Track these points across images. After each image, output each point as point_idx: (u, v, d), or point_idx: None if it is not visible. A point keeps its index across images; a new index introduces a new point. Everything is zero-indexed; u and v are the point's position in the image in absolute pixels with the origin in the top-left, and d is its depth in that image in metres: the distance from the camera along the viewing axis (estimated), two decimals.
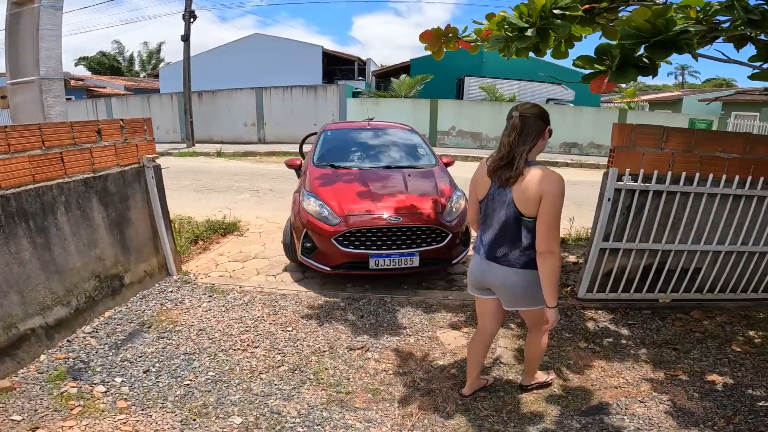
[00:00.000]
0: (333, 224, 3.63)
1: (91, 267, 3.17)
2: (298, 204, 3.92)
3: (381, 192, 3.95)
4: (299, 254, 3.85)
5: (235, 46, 21.16)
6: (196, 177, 9.21)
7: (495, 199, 1.96)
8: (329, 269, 3.72)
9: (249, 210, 6.49)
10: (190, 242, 4.76)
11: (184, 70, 13.70)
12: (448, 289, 3.97)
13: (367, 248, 3.63)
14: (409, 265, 3.67)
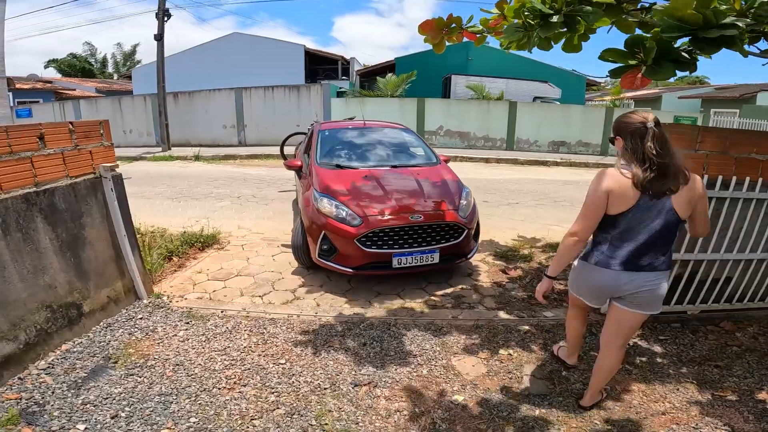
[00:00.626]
0: (355, 225, 3.59)
1: (40, 297, 2.67)
2: (312, 205, 3.84)
3: (396, 191, 3.97)
4: (316, 257, 3.76)
5: (213, 46, 20.40)
6: (172, 183, 8.60)
7: (646, 211, 1.91)
8: (351, 270, 3.66)
9: (230, 219, 5.98)
10: (163, 259, 4.24)
11: (158, 70, 13.00)
12: (457, 308, 3.58)
13: (389, 247, 3.62)
14: (429, 262, 3.69)
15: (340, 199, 3.78)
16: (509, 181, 9.44)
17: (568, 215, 6.55)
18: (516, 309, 3.55)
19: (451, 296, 3.78)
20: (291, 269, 4.24)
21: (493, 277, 4.18)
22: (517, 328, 3.24)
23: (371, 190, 3.96)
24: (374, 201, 3.79)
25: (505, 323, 3.32)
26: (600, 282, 2.09)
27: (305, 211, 3.96)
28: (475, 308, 3.57)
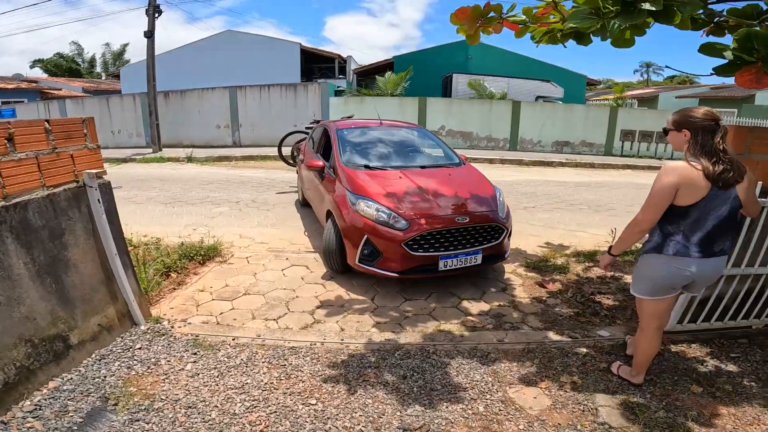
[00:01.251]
0: (401, 229, 3.49)
1: (17, 330, 2.21)
2: (350, 208, 3.71)
3: (436, 192, 3.87)
4: (356, 261, 3.62)
5: (206, 44, 19.77)
6: (164, 186, 8.08)
7: (716, 200, 2.02)
8: (397, 274, 3.53)
9: (230, 227, 5.51)
10: (160, 275, 3.77)
11: (148, 68, 12.42)
12: (500, 329, 3.17)
13: (435, 250, 3.52)
14: (473, 263, 3.66)
15: (380, 201, 3.65)
16: (518, 183, 9.09)
17: (589, 219, 6.24)
18: (566, 328, 3.17)
19: (490, 315, 3.38)
20: (304, 286, 3.80)
21: (531, 292, 3.79)
22: (574, 351, 2.87)
23: (410, 192, 3.83)
24: (417, 203, 3.69)
25: (559, 345, 2.94)
26: (681, 270, 2.14)
27: (340, 214, 3.78)
28: (520, 329, 3.18)
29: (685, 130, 2.06)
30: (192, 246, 4.33)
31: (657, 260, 2.19)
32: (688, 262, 2.11)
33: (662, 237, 2.16)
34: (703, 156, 1.98)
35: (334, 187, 4.12)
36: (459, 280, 3.95)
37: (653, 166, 12.13)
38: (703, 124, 2.01)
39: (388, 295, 3.66)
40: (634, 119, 13.56)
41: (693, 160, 2.01)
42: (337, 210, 3.85)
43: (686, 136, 2.05)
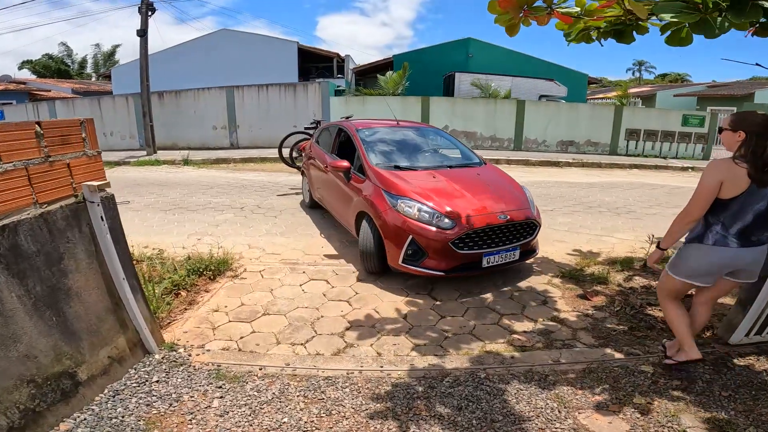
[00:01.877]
0: (448, 227, 3.52)
1: (16, 371, 1.89)
2: (390, 209, 3.70)
3: (473, 191, 3.94)
4: (399, 262, 3.62)
5: (200, 43, 19.27)
6: (162, 192, 7.69)
7: (755, 195, 2.15)
8: (443, 273, 3.57)
9: (236, 236, 5.16)
10: (168, 294, 3.43)
11: (142, 68, 11.97)
12: (551, 347, 2.90)
13: (479, 248, 3.60)
14: (512, 259, 3.76)
15: (421, 201, 3.67)
16: (530, 184, 8.79)
17: (612, 222, 6.00)
18: (623, 344, 2.91)
19: (537, 332, 3.10)
20: (328, 304, 3.48)
21: (574, 305, 3.52)
22: (640, 369, 2.62)
23: (447, 191, 3.88)
24: (458, 202, 3.73)
25: (621, 364, 2.68)
26: (720, 259, 2.29)
27: (379, 215, 3.75)
28: (574, 347, 2.91)
29: (741, 131, 2.15)
30: (200, 260, 3.99)
31: (698, 250, 2.34)
32: (728, 252, 2.25)
33: (704, 228, 2.31)
34: (752, 159, 2.10)
35: (364, 188, 4.11)
36: (497, 297, 3.68)
37: (660, 166, 12.00)
38: (759, 129, 2.11)
39: (420, 312, 3.36)
40: (639, 118, 13.40)
41: (740, 160, 2.13)
42: (374, 211, 3.81)
43: (740, 137, 2.16)
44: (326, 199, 5.34)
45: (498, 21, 2.74)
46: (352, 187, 4.32)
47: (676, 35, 2.43)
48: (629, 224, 5.94)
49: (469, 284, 3.84)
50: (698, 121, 13.57)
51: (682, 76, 51.05)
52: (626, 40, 2.86)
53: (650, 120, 13.39)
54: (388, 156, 4.57)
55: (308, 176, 6.11)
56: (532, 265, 4.33)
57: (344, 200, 4.52)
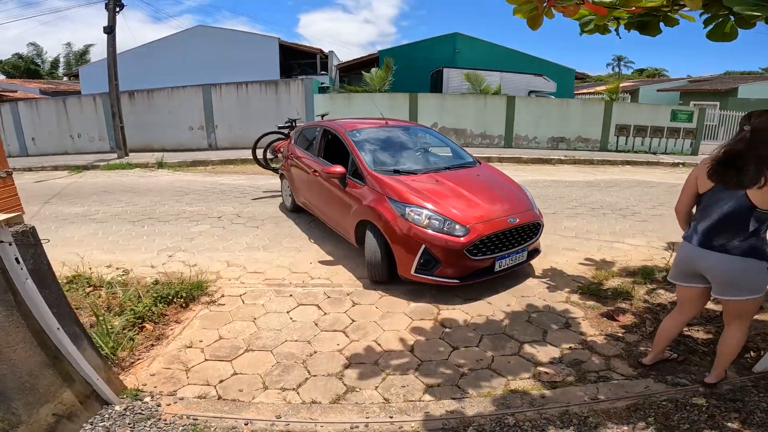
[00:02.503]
0: (460, 235, 3.38)
1: None
2: (398, 217, 3.50)
3: (479, 195, 3.83)
4: (411, 272, 3.45)
5: (176, 40, 18.30)
6: (132, 199, 7.03)
7: (720, 194, 2.11)
8: (458, 281, 3.44)
9: (213, 252, 4.60)
10: (131, 327, 2.88)
11: (109, 66, 11.17)
12: (585, 380, 2.47)
13: (492, 252, 3.50)
14: (521, 261, 3.74)
15: (429, 208, 3.51)
16: (526, 183, 8.36)
17: (620, 226, 5.59)
18: (665, 373, 2.53)
19: (565, 362, 2.67)
20: (321, 335, 2.98)
21: (600, 327, 3.10)
22: (692, 403, 2.25)
23: (453, 196, 3.76)
24: (467, 207, 3.62)
25: (669, 397, 2.31)
26: (682, 255, 2.32)
27: (388, 224, 3.54)
28: (611, 379, 2.51)
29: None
30: (170, 285, 3.43)
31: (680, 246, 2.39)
32: (686, 248, 2.29)
33: (690, 225, 2.35)
34: (717, 153, 2.15)
35: (364, 195, 3.90)
36: (512, 321, 3.23)
37: (651, 162, 11.80)
38: (742, 123, 2.10)
39: (429, 343, 2.89)
40: (629, 114, 13.19)
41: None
42: (380, 220, 3.61)
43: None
44: (316, 205, 5.03)
45: (518, 12, 2.36)
46: (350, 194, 4.09)
47: (719, 29, 2.32)
48: (637, 228, 5.59)
49: (480, 307, 3.38)
50: (687, 117, 13.44)
51: (659, 71, 51.91)
52: (651, 32, 2.64)
53: (640, 115, 13.19)
54: (385, 159, 4.36)
55: (289, 179, 5.75)
56: (546, 279, 3.90)
57: (340, 207, 4.29)
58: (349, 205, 4.09)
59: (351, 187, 4.11)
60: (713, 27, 2.42)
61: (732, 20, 2.37)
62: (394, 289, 3.64)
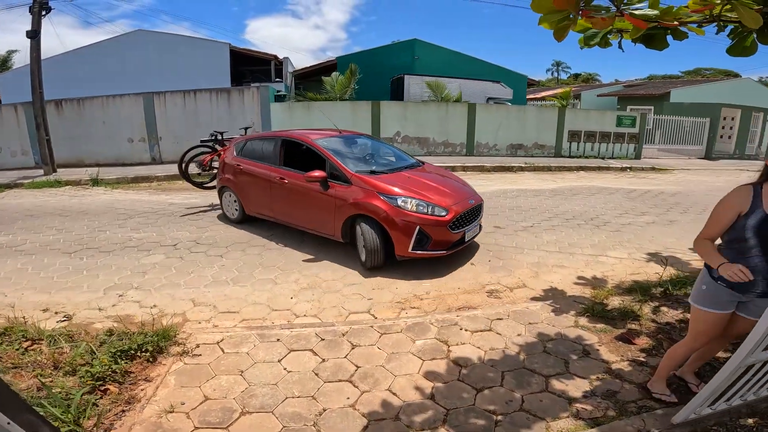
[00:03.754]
0: (443, 215, 4.24)
1: None
2: (392, 206, 4.20)
3: (442, 186, 4.76)
4: (409, 250, 4.18)
5: (112, 46, 16.64)
6: (65, 224, 6.08)
7: None
8: (445, 251, 4.34)
9: (174, 289, 3.97)
10: (90, 391, 2.30)
11: (33, 74, 9.87)
12: (627, 413, 2.22)
13: (462, 227, 4.44)
14: (477, 232, 4.85)
15: (415, 197, 4.30)
16: (494, 194, 8.42)
17: (597, 238, 5.55)
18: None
19: (599, 395, 2.48)
20: (325, 387, 2.54)
21: (619, 352, 2.93)
22: (740, 424, 2.14)
23: (426, 188, 4.55)
24: (440, 195, 4.48)
25: (717, 420, 2.16)
26: (725, 298, 2.10)
27: (384, 213, 4.19)
28: (653, 408, 2.35)
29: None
30: (129, 336, 2.83)
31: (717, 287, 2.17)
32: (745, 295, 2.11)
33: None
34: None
35: (351, 194, 4.43)
36: (529, 353, 2.96)
37: (602, 167, 12.36)
38: None
39: (448, 387, 2.55)
40: (579, 120, 13.77)
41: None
42: (376, 211, 4.23)
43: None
44: (281, 212, 5.28)
45: (544, 21, 2.13)
46: (334, 195, 4.54)
47: (740, 44, 2.31)
48: (614, 239, 5.63)
49: (491, 339, 3.10)
50: (630, 122, 14.27)
51: (592, 76, 55.84)
52: (658, 46, 2.55)
53: (589, 121, 13.82)
54: (359, 163, 5.00)
55: (237, 191, 5.80)
56: (548, 302, 3.71)
57: (320, 208, 4.71)
58: (332, 204, 4.56)
59: (335, 188, 4.55)
60: (734, 42, 2.36)
61: (754, 36, 2.31)
62: (393, 325, 3.26)
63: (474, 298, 3.84)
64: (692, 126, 15.78)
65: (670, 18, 2.09)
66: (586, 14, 2.05)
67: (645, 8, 2.11)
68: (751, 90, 20.23)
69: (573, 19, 2.07)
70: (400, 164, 5.30)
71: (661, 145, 15.83)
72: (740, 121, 16.56)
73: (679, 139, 15.89)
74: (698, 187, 9.84)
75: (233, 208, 5.99)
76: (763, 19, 1.88)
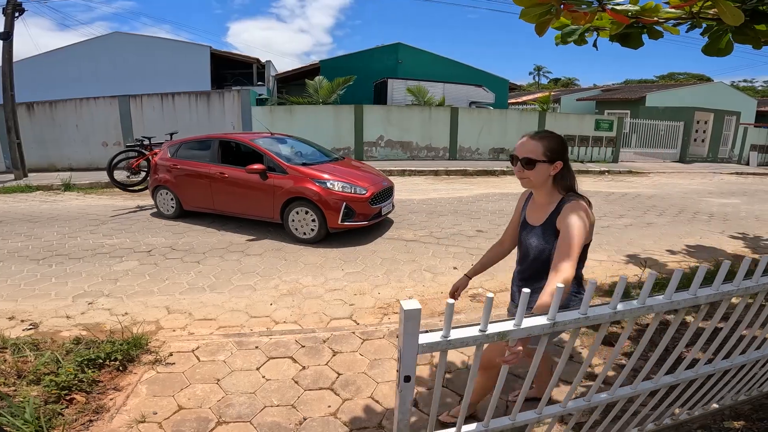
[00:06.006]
0: (364, 193, 5.32)
1: None
2: (324, 189, 5.20)
3: (360, 172, 5.92)
4: (339, 222, 5.16)
5: (88, 48, 16.14)
6: (34, 231, 5.83)
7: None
8: (367, 222, 5.39)
9: (147, 296, 3.82)
10: (56, 401, 2.16)
11: (4, 75, 9.54)
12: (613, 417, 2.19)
13: (378, 203, 5.54)
14: (390, 209, 5.96)
15: (340, 180, 5.33)
16: (477, 198, 8.46)
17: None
18: None
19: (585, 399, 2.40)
20: (306, 395, 2.44)
21: (604, 356, 2.92)
22: (725, 427, 2.04)
23: (348, 174, 5.63)
24: (360, 179, 5.54)
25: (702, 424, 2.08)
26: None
27: (318, 195, 5.15)
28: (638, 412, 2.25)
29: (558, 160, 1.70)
30: (98, 344, 2.69)
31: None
32: None
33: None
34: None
35: (288, 181, 5.37)
36: None
37: (582, 171, 12.56)
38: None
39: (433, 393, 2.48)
40: (559, 123, 14.01)
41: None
42: (312, 193, 5.18)
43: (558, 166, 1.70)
44: (221, 202, 5.97)
45: (525, 14, 2.10)
46: (272, 184, 5.44)
47: (715, 44, 2.27)
48: (594, 241, 5.57)
49: None
50: (608, 126, 14.59)
51: (572, 80, 57.20)
52: (633, 45, 2.54)
53: (569, 125, 14.07)
54: (291, 157, 5.95)
55: (174, 188, 6.35)
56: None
57: (259, 196, 5.58)
58: (271, 191, 5.45)
59: (273, 178, 5.44)
60: (709, 41, 2.37)
61: (729, 35, 2.33)
62: (375, 331, 3.19)
63: (457, 302, 3.80)
64: (667, 129, 16.23)
65: (649, 14, 2.09)
66: (568, 8, 2.04)
67: (626, 4, 2.12)
68: (723, 94, 20.97)
69: (555, 13, 2.05)
70: (324, 158, 6.33)
71: (637, 149, 16.23)
72: (713, 125, 17.12)
73: (654, 143, 16.31)
74: (673, 190, 10.09)
75: (169, 205, 6.54)
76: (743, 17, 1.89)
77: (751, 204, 8.77)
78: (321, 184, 5.19)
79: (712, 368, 1.91)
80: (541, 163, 1.65)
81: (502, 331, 1.22)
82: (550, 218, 1.70)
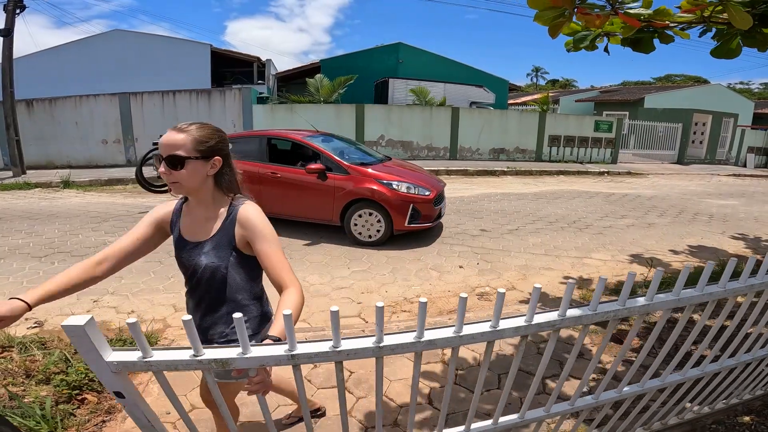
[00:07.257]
0: (428, 195, 5.20)
1: None
2: (390, 190, 5.07)
3: (417, 174, 5.72)
4: (405, 224, 5.08)
5: (87, 45, 16.05)
6: (34, 228, 5.79)
7: None
8: (431, 223, 5.30)
9: (153, 294, 3.81)
10: (67, 401, 2.18)
11: (4, 72, 9.48)
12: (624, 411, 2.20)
13: (439, 204, 5.41)
14: (445, 210, 5.86)
15: (403, 181, 5.21)
16: (479, 197, 8.48)
17: (581, 240, 5.64)
18: None
19: None
20: (319, 393, 2.45)
21: (613, 353, 2.94)
22: (738, 422, 2.13)
23: (407, 175, 5.44)
24: (419, 180, 5.38)
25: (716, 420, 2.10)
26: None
27: (385, 196, 5.04)
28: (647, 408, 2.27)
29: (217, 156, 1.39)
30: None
31: None
32: None
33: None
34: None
35: (350, 182, 5.17)
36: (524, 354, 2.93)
37: (581, 171, 12.62)
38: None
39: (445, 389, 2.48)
40: (559, 125, 14.06)
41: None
42: (379, 195, 5.05)
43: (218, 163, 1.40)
44: (274, 204, 5.53)
45: (539, 18, 2.12)
46: (333, 185, 5.20)
47: (724, 47, 2.30)
48: (597, 241, 5.71)
49: None
50: (607, 127, 14.66)
51: (570, 81, 57.38)
52: (645, 49, 2.56)
53: (569, 126, 14.12)
54: (348, 157, 5.63)
55: None
56: (538, 305, 3.70)
57: (318, 197, 5.32)
58: (331, 192, 5.21)
59: (333, 178, 5.19)
60: (720, 44, 2.39)
61: (739, 39, 2.35)
62: (386, 329, 3.19)
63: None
64: (665, 131, 16.32)
65: (661, 18, 2.11)
66: (581, 11, 2.05)
67: (639, 7, 2.13)
68: (720, 96, 21.09)
69: (568, 17, 2.07)
70: (374, 158, 6.02)
71: (635, 150, 16.31)
72: (711, 127, 17.22)
73: (653, 144, 16.40)
74: (673, 191, 10.15)
75: None
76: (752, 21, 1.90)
77: (749, 205, 8.84)
78: (387, 185, 5.06)
79: (719, 366, 1.92)
80: (193, 160, 1.30)
81: (222, 358, 0.99)
82: (224, 229, 1.40)
